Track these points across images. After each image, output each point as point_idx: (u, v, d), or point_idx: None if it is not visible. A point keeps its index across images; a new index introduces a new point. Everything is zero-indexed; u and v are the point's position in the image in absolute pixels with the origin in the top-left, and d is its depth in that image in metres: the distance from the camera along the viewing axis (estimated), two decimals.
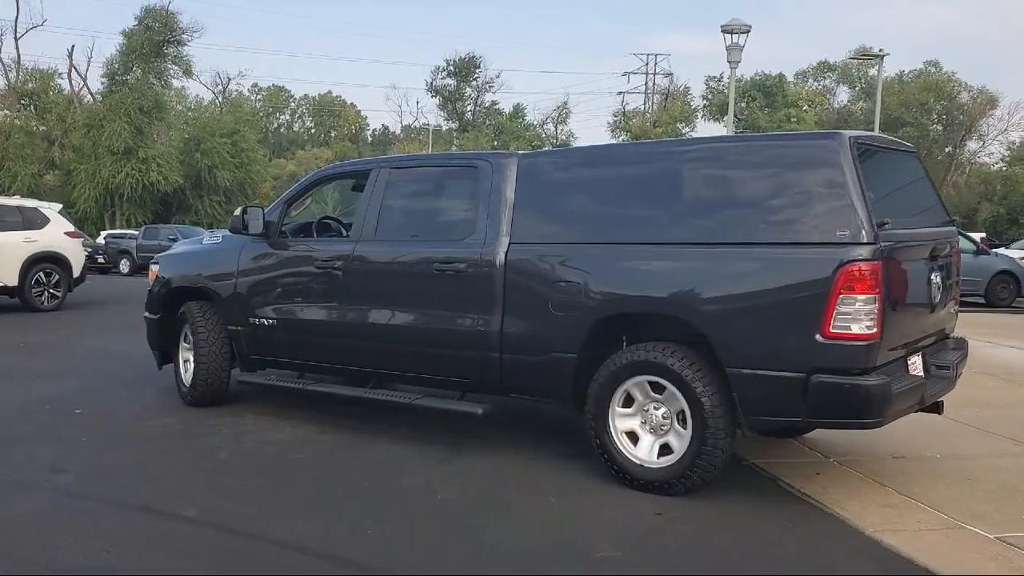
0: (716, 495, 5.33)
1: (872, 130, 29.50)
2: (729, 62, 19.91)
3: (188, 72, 48.15)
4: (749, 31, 19.31)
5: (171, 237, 32.75)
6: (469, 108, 61.83)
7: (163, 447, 6.43)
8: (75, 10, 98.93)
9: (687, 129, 57.34)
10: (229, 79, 59.98)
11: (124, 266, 33.19)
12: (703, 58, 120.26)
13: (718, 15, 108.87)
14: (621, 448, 5.50)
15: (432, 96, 61.97)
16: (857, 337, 4.79)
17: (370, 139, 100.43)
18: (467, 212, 6.33)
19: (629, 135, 53.26)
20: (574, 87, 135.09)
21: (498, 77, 63.76)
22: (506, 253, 5.94)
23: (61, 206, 16.79)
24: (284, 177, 72.27)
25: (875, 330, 4.79)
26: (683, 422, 5.31)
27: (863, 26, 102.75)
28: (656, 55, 63.18)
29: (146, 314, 8.23)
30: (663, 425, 5.41)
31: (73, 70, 47.94)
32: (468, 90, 61.28)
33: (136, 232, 35.45)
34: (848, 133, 5.12)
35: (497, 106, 62.38)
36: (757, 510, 5.20)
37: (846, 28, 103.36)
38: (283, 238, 7.31)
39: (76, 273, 15.79)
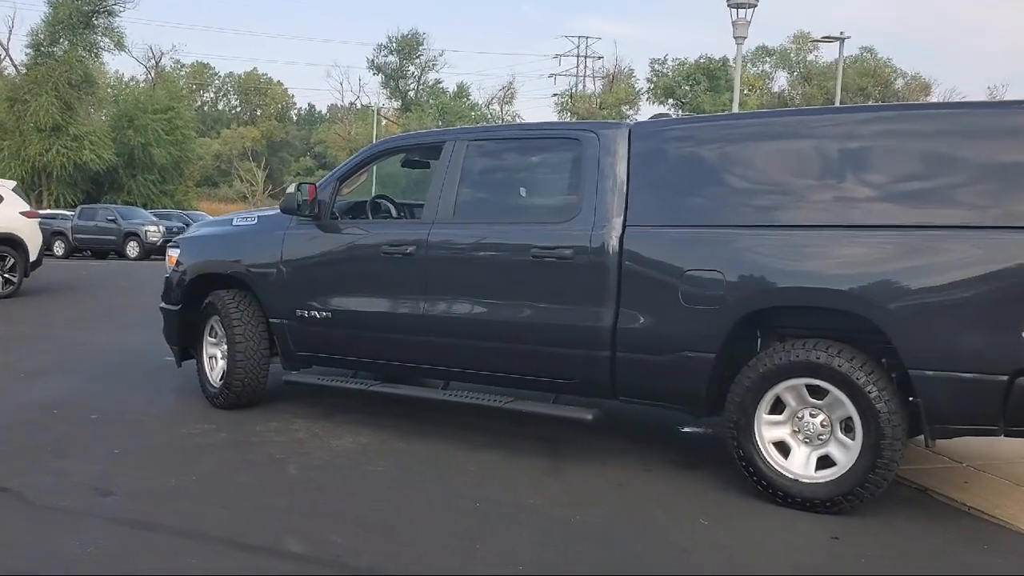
0: (878, 512, 4.72)
1: None
2: (735, 38, 19.35)
3: (120, 45, 45.89)
4: (756, 5, 18.76)
5: (110, 218, 31.28)
6: (412, 87, 60.52)
7: (216, 460, 5.56)
8: None
9: (631, 112, 57.05)
10: (162, 53, 57.48)
11: (58, 248, 31.42)
12: (643, 43, 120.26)
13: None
14: (770, 460, 4.86)
15: (374, 74, 60.45)
16: None
17: (295, 118, 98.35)
18: (569, 191, 5.59)
19: (576, 117, 52.69)
20: (515, 67, 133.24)
21: (441, 55, 62.40)
22: (621, 238, 5.23)
23: (15, 183, 15.43)
24: (209, 156, 69.90)
25: None
26: (847, 431, 4.69)
27: (797, 13, 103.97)
28: (587, 37, 62.73)
29: (163, 305, 7.30)
30: (821, 434, 4.77)
31: None
32: (411, 68, 59.99)
33: (69, 212, 33.63)
34: None
35: (440, 85, 61.21)
36: (935, 529, 4.62)
37: (780, 15, 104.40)
38: (334, 220, 6.47)
39: (33, 256, 14.47)
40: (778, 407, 4.87)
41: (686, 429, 6.20)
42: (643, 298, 5.17)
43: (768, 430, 4.87)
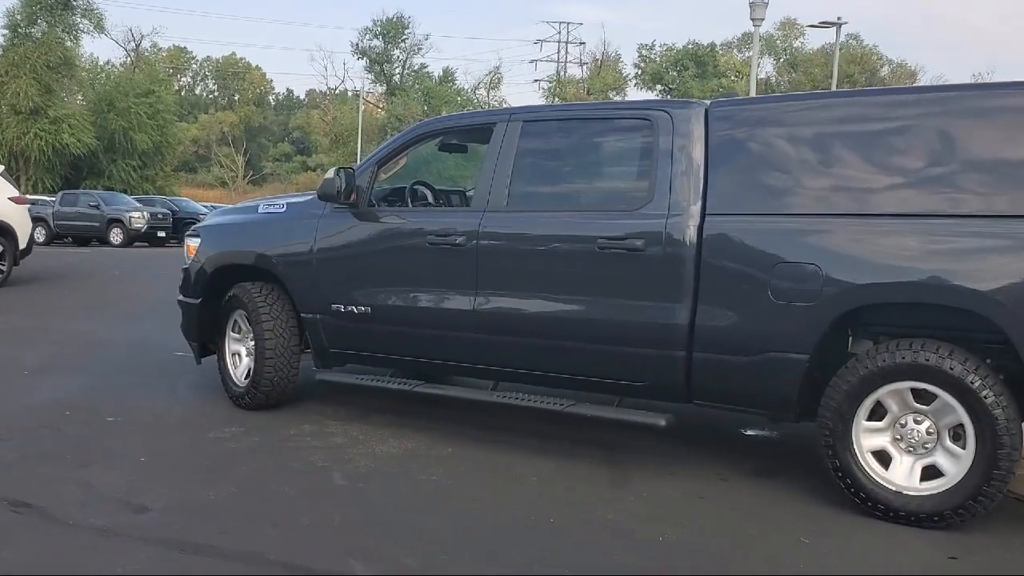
0: (987, 528, 4.34)
1: None
2: (752, 19, 18.92)
3: (100, 27, 44.88)
4: None
5: (92, 204, 30.63)
6: (397, 71, 59.70)
7: (253, 468, 5.11)
8: None
9: (618, 97, 56.59)
10: (142, 36, 56.34)
11: (39, 235, 30.66)
12: (630, 27, 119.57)
13: None
14: (869, 471, 4.46)
15: (359, 58, 59.56)
16: None
17: (273, 103, 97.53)
18: (639, 176, 5.16)
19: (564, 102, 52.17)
20: (500, 53, 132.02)
21: (427, 39, 61.43)
22: (699, 227, 4.81)
23: (3, 167, 14.79)
24: (188, 141, 68.82)
25: None
26: (956, 439, 4.30)
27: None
28: (568, 23, 62.17)
29: (181, 298, 6.82)
30: (926, 443, 4.38)
31: None
32: (396, 52, 59.15)
33: (50, 198, 32.86)
34: None
35: (426, 69, 60.39)
36: None
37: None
38: (372, 207, 6.01)
39: (23, 244, 13.89)
40: (877, 413, 4.48)
41: (750, 432, 5.85)
42: (725, 293, 4.75)
43: (867, 438, 4.48)
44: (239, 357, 6.53)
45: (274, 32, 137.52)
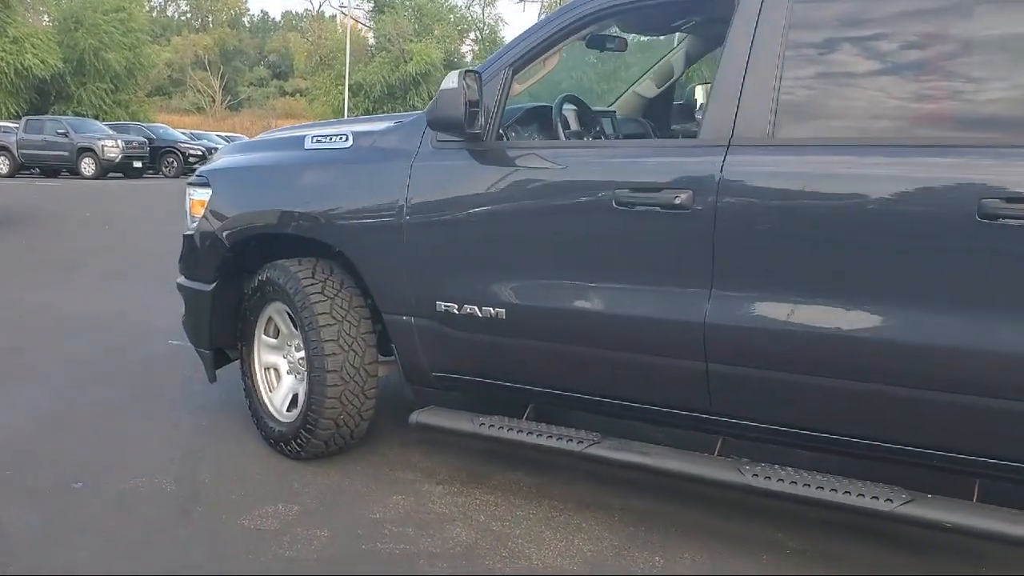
0: None
1: None
2: None
3: None
4: None
5: (60, 131, 27.86)
6: None
7: None
8: None
9: None
10: None
11: (2, 165, 28.10)
12: None
13: None
14: None
15: None
16: None
17: (248, 25, 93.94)
18: None
19: None
20: None
21: None
22: None
23: None
24: (160, 65, 64.70)
25: None
26: None
27: None
28: None
29: (183, 280, 4.43)
30: None
31: None
32: None
33: (13, 125, 29.99)
34: None
35: None
36: None
37: None
38: (501, 142, 3.62)
39: None
40: None
41: None
42: None
43: None
44: (276, 374, 4.21)
45: None
